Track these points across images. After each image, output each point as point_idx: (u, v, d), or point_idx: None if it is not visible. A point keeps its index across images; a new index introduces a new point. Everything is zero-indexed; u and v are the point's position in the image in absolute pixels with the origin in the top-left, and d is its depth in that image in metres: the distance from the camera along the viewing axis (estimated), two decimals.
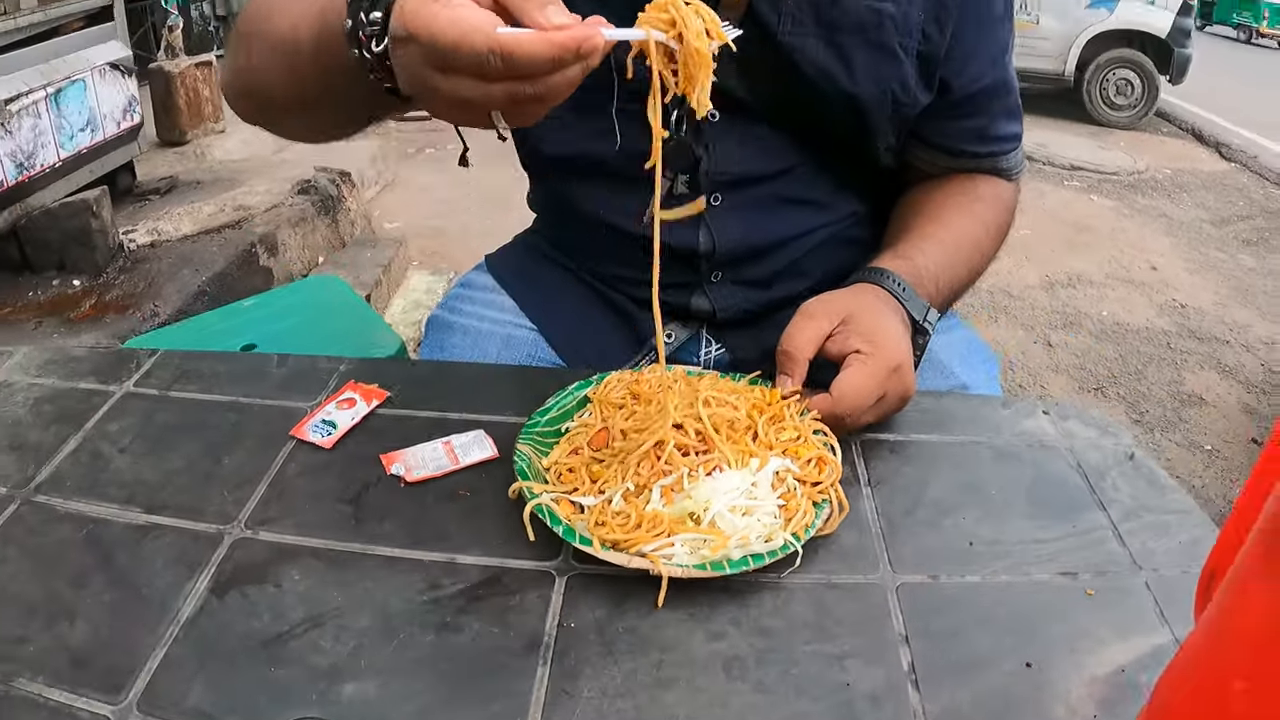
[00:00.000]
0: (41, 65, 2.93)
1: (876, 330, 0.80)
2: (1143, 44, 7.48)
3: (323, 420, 0.81)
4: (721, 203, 0.97)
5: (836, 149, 0.98)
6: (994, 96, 1.00)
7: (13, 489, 0.76)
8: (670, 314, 1.03)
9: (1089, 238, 4.77)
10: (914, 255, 0.93)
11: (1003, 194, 1.07)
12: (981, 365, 1.09)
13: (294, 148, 4.31)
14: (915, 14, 0.90)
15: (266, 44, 0.77)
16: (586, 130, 0.92)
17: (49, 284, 2.78)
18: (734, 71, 0.89)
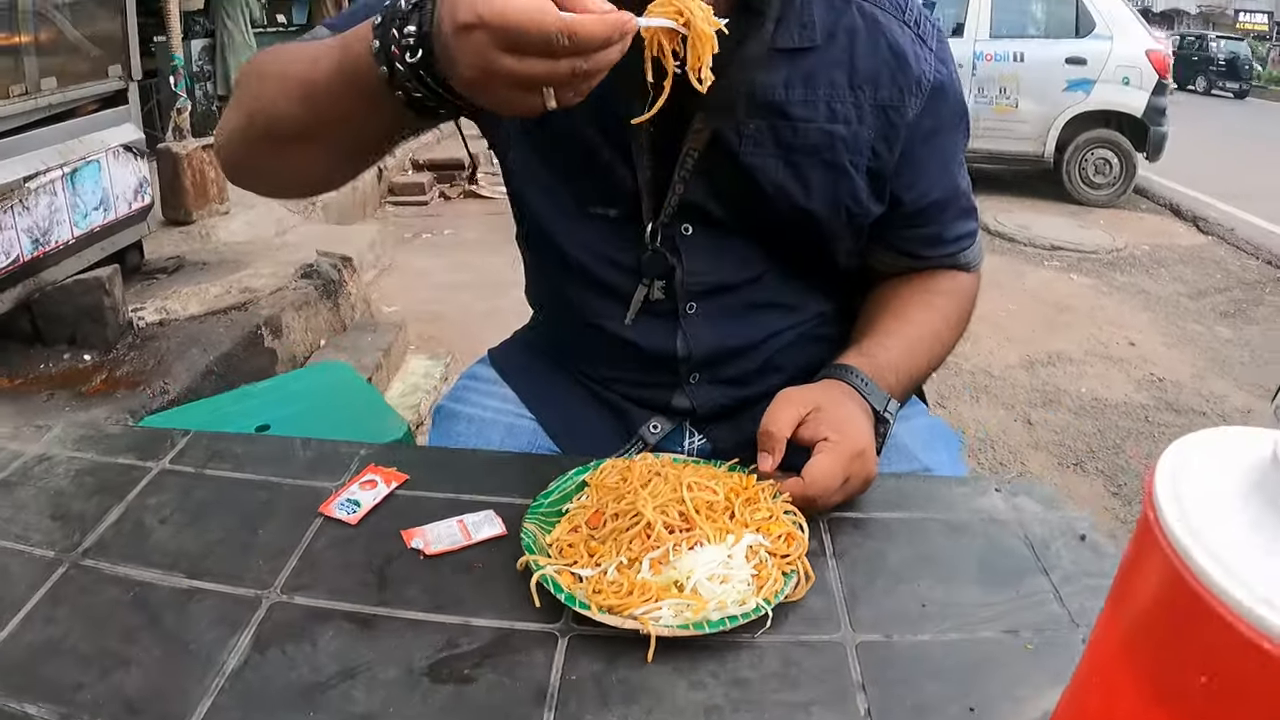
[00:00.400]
0: (59, 145, 3.07)
1: (842, 420, 0.91)
2: (1119, 123, 7.76)
3: (348, 499, 0.90)
4: (696, 310, 1.07)
5: (801, 256, 1.08)
6: (946, 204, 1.11)
7: (60, 553, 0.84)
8: (654, 409, 1.13)
9: (1069, 316, 4.91)
10: (876, 352, 1.03)
11: (962, 286, 1.17)
12: (944, 449, 1.18)
13: (296, 230, 4.45)
14: (865, 133, 1.00)
15: (284, 80, 0.86)
16: (578, 229, 1.04)
17: (60, 357, 2.88)
18: (703, 189, 1.00)
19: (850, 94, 0.99)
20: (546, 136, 1.02)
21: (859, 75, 0.99)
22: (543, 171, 1.06)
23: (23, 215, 2.80)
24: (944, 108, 1.05)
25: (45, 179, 2.92)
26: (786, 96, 0.97)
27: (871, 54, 1.00)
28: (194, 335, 2.98)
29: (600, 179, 1.02)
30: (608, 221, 1.04)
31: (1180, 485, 0.37)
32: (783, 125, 0.98)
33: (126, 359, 2.84)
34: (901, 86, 1.01)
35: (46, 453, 1.03)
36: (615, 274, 1.06)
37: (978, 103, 7.77)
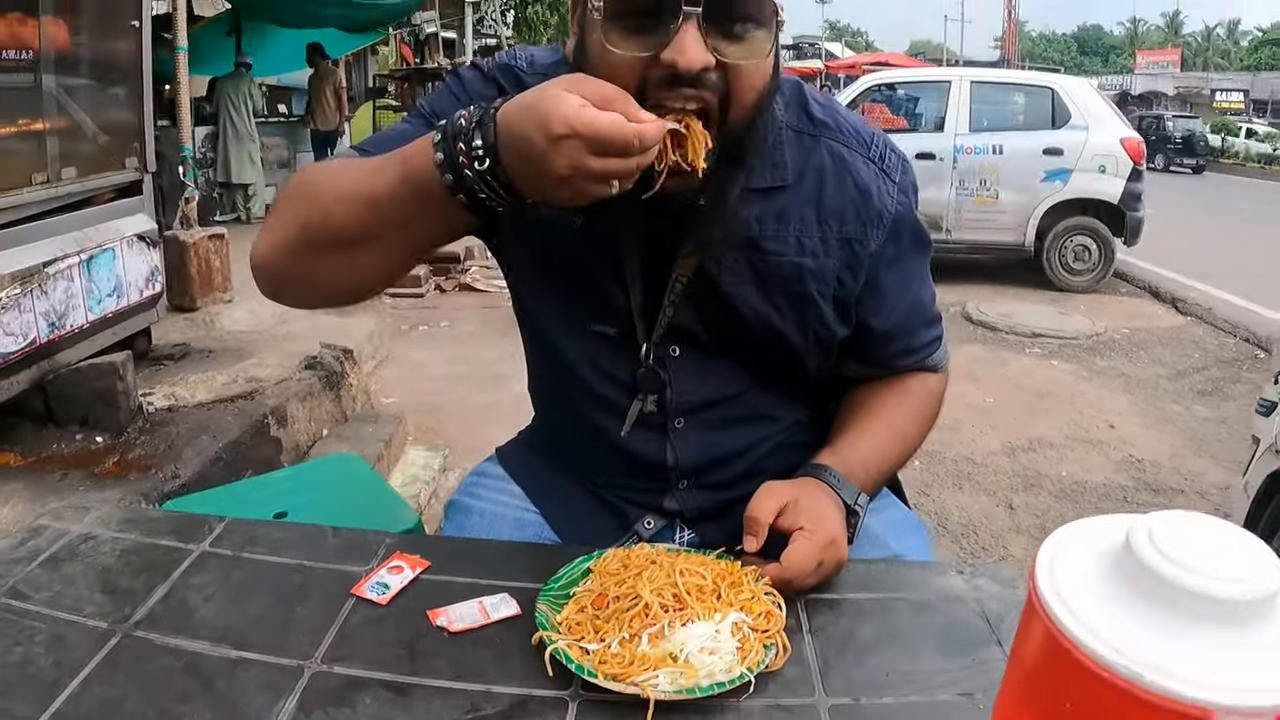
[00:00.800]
0: (77, 232, 3.20)
1: (817, 512, 1.03)
2: (1097, 210, 8.01)
3: (378, 582, 1.01)
4: (684, 425, 1.19)
5: (778, 373, 1.21)
6: (911, 320, 1.24)
7: (113, 624, 0.93)
8: (648, 509, 1.25)
9: (1050, 402, 5.04)
10: (848, 452, 1.15)
11: (929, 386, 1.29)
12: (913, 537, 1.29)
13: (296, 320, 4.58)
14: (831, 265, 1.13)
15: (342, 191, 0.98)
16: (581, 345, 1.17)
17: (73, 438, 2.97)
18: (689, 315, 1.13)
19: (818, 229, 1.12)
20: (553, 260, 1.15)
21: (826, 211, 1.12)
22: (549, 290, 1.18)
23: (41, 299, 2.92)
24: (906, 235, 1.18)
25: (63, 265, 3.04)
26: (760, 231, 1.10)
27: (838, 191, 1.13)
28: (203, 422, 3.08)
29: (599, 300, 1.14)
30: (607, 339, 1.16)
31: (1055, 566, 0.49)
32: (757, 258, 1.11)
33: (138, 443, 2.94)
34: (865, 221, 1.14)
35: (90, 532, 1.13)
36: (612, 389, 1.18)
37: (959, 195, 8.04)
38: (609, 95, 0.84)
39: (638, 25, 0.92)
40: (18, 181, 2.99)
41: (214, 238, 4.84)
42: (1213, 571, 0.46)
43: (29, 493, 2.53)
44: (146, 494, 2.53)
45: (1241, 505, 2.67)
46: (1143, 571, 0.46)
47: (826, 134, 1.15)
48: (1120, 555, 0.48)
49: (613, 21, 0.93)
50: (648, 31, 0.91)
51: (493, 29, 15.26)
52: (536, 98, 0.84)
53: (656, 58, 0.91)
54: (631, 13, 0.92)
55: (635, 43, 0.92)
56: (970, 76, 8.58)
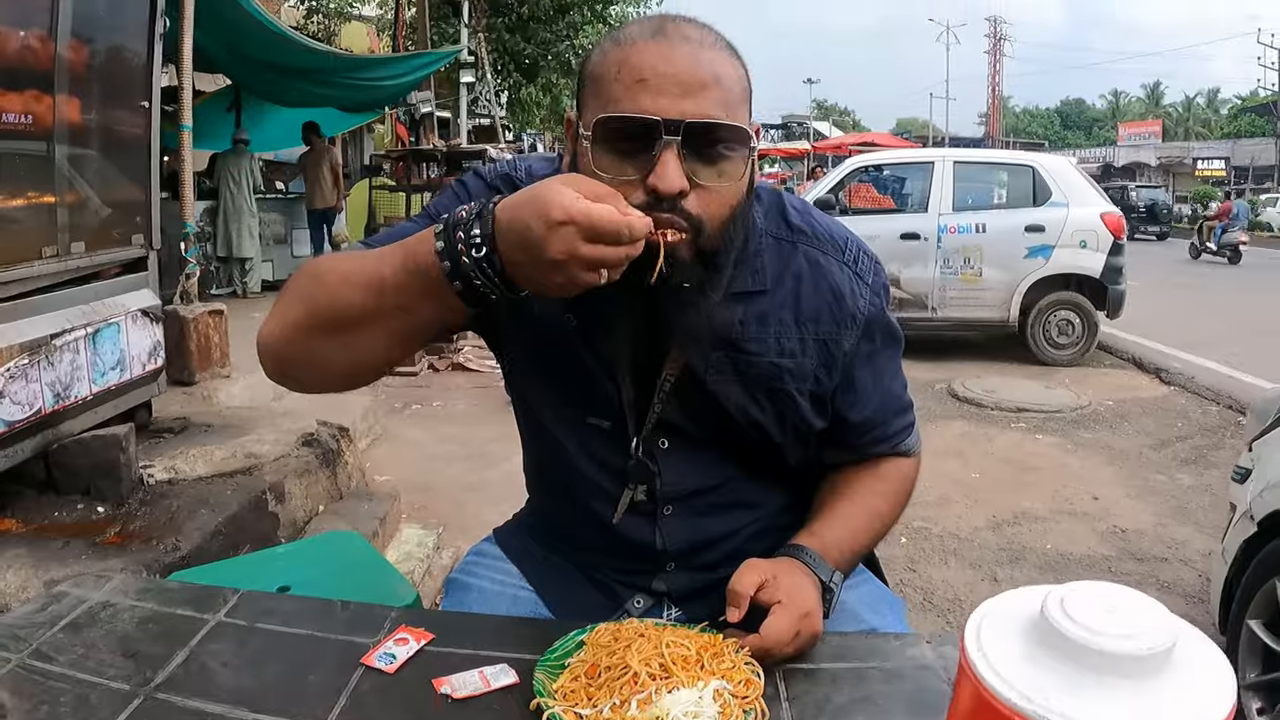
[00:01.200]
0: (84, 306, 3.26)
1: (793, 588, 1.11)
2: (1079, 285, 8.19)
3: (385, 652, 1.08)
4: (672, 512, 1.28)
5: (760, 462, 1.30)
6: (884, 411, 1.33)
7: (135, 686, 1.00)
8: (637, 588, 1.33)
9: (1034, 476, 5.12)
10: (824, 533, 1.24)
11: (901, 469, 1.38)
12: (888, 611, 1.36)
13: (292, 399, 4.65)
14: (809, 364, 1.23)
15: (349, 276, 1.06)
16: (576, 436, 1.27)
17: (74, 507, 3.01)
18: (677, 410, 1.22)
19: (796, 331, 1.23)
20: (549, 357, 1.24)
21: (803, 314, 1.23)
22: (545, 385, 1.28)
23: (47, 370, 2.99)
24: (879, 333, 1.29)
25: (70, 337, 3.12)
26: (742, 333, 1.21)
27: (814, 294, 1.23)
28: (203, 496, 3.14)
29: (593, 396, 1.24)
30: (600, 431, 1.26)
31: (983, 632, 0.58)
32: (740, 358, 1.21)
33: (139, 514, 2.99)
34: (839, 322, 1.24)
35: (110, 600, 1.20)
36: (605, 477, 1.27)
37: (944, 274, 8.21)
38: (601, 192, 0.94)
39: (623, 151, 1.03)
40: (29, 254, 3.06)
41: (213, 313, 4.91)
42: (1112, 632, 0.54)
43: (32, 559, 2.58)
44: (148, 565, 2.58)
45: (1220, 571, 2.76)
46: (1054, 634, 0.55)
47: (803, 240, 1.26)
48: (1037, 620, 0.57)
49: (600, 147, 1.04)
50: (632, 157, 1.03)
51: (487, 109, 15.58)
52: (536, 189, 0.93)
53: (641, 181, 1.02)
54: (617, 140, 1.03)
55: (621, 167, 1.03)
56: (953, 157, 8.82)
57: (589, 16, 18.15)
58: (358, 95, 10.80)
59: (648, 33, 1.05)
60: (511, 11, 17.71)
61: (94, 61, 3.39)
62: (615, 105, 1.03)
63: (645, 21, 1.09)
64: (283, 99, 10.28)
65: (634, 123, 1.01)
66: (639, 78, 1.02)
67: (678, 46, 1.03)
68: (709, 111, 1.02)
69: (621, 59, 1.04)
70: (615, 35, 1.09)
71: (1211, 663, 0.59)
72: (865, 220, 8.75)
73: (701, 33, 1.07)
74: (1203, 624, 3.20)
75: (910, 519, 4.35)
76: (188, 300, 5.04)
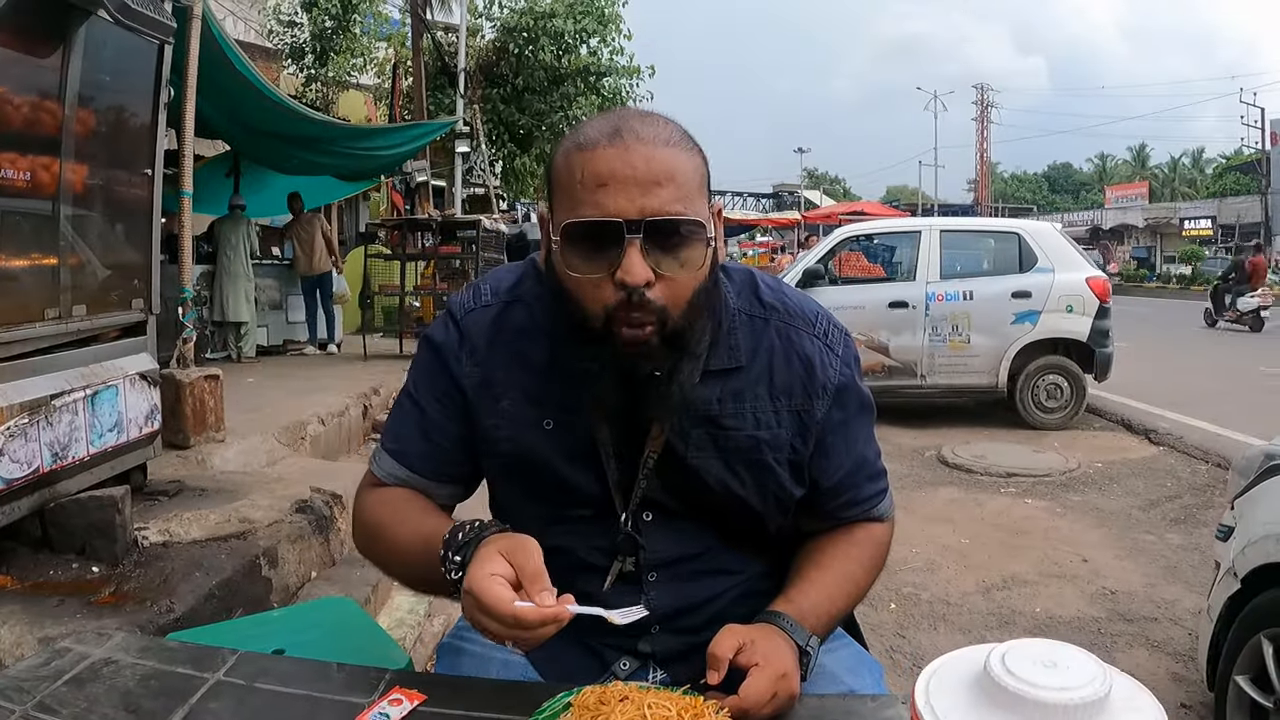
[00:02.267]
0: (83, 368, 3.34)
1: (770, 651, 1.16)
2: (1067, 349, 8.29)
3: (379, 713, 1.12)
4: (656, 578, 1.34)
5: (740, 532, 1.36)
6: (856, 475, 1.38)
7: None
8: (624, 651, 1.38)
9: (1023, 540, 5.14)
10: (800, 600, 1.29)
11: (874, 535, 1.43)
12: (867, 674, 1.40)
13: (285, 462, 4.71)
14: (784, 434, 1.30)
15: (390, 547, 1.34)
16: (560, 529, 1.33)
17: (69, 566, 3.05)
18: (659, 486, 1.29)
19: (770, 404, 1.30)
20: (528, 473, 1.33)
21: (777, 387, 1.30)
22: (527, 497, 1.36)
23: (46, 430, 3.04)
24: (849, 401, 1.35)
25: (69, 398, 3.18)
26: (720, 410, 1.28)
27: (786, 367, 1.31)
28: (197, 559, 3.17)
29: (574, 492, 1.32)
30: (584, 520, 1.33)
31: (931, 688, 0.64)
32: (718, 433, 1.29)
33: (133, 575, 3.02)
34: (811, 393, 1.31)
35: (111, 656, 1.24)
36: (592, 555, 1.34)
37: (933, 341, 8.31)
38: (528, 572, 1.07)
39: (591, 250, 1.13)
40: (31, 315, 3.14)
41: (209, 378, 4.97)
42: (1050, 685, 0.60)
43: (27, 616, 2.60)
44: (142, 625, 2.60)
45: (1206, 628, 2.78)
46: (996, 687, 0.61)
47: (775, 316, 1.33)
48: (981, 675, 0.63)
49: (570, 248, 1.14)
50: (600, 254, 1.12)
51: (481, 179, 15.83)
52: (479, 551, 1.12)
53: (609, 275, 1.11)
54: (584, 240, 1.13)
55: (590, 265, 1.13)
56: (939, 225, 8.97)
57: (582, 88, 18.51)
58: (355, 164, 10.96)
59: (605, 136, 1.13)
60: (507, 83, 18.10)
61: (99, 129, 3.50)
62: (580, 209, 1.12)
63: (603, 121, 1.17)
64: (282, 166, 10.42)
65: (598, 226, 1.11)
66: (600, 182, 1.11)
67: (634, 149, 1.12)
68: (666, 207, 1.11)
69: (583, 163, 1.13)
70: (576, 138, 1.17)
71: (1144, 709, 0.64)
72: (854, 289, 8.89)
73: (655, 130, 1.15)
74: (1193, 682, 3.26)
75: (899, 584, 4.38)
76: (184, 364, 5.10)
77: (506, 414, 1.30)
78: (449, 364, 1.33)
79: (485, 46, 18.55)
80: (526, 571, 1.06)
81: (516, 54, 17.87)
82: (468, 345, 1.32)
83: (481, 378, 1.31)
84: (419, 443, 1.36)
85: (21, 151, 3.04)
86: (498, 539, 1.12)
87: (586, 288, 1.14)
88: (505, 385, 1.30)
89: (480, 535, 1.16)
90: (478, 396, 1.32)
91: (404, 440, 1.37)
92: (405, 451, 1.37)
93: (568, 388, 1.25)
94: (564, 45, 17.83)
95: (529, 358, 1.30)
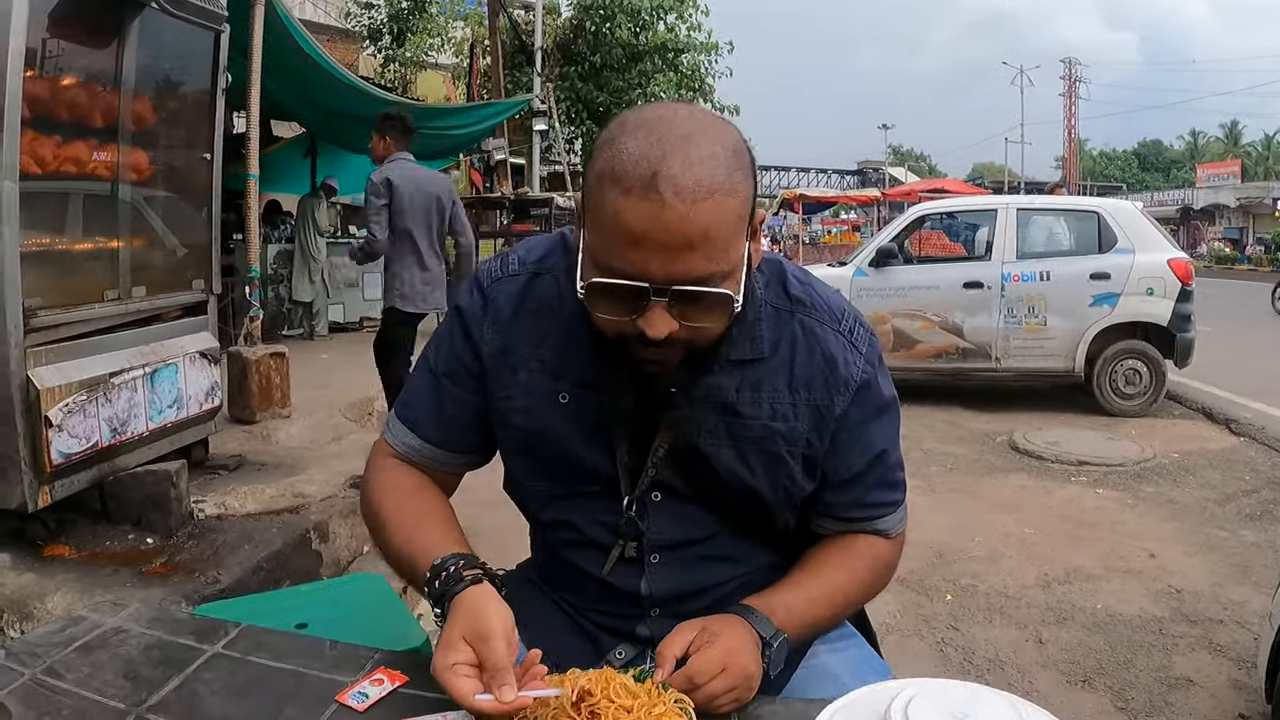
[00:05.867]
0: (143, 346, 3.44)
1: (722, 631, 1.16)
2: (1146, 333, 7.96)
3: (359, 691, 1.13)
4: (659, 561, 1.32)
5: (748, 520, 1.33)
6: (868, 475, 1.33)
7: (130, 706, 1.07)
8: (622, 636, 1.37)
9: (1090, 532, 4.96)
10: (773, 597, 1.26)
11: (878, 551, 1.38)
12: (871, 675, 1.32)
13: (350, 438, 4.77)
14: (801, 428, 1.27)
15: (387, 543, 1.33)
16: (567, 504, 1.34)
17: (125, 537, 3.16)
18: (670, 470, 1.27)
19: (789, 395, 1.27)
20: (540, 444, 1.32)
21: (797, 380, 1.27)
22: (537, 469, 1.35)
23: (105, 406, 3.14)
24: (870, 401, 1.31)
25: (128, 376, 3.27)
26: (737, 399, 1.25)
27: (808, 361, 1.28)
28: (248, 532, 3.24)
29: (584, 468, 1.30)
30: (591, 495, 1.32)
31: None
32: (734, 421, 1.26)
33: (185, 546, 3.11)
34: (831, 388, 1.28)
35: (122, 626, 1.28)
36: (595, 532, 1.33)
37: (1007, 323, 8.06)
38: (493, 665, 1.06)
39: (616, 301, 1.10)
40: (91, 297, 3.24)
41: (275, 355, 5.09)
42: None
43: (80, 584, 2.70)
44: (188, 595, 2.68)
45: (1268, 635, 2.60)
46: None
47: (800, 310, 1.30)
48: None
49: (595, 299, 1.11)
50: (624, 304, 1.09)
51: (559, 156, 15.87)
52: (446, 626, 1.12)
53: (632, 322, 1.09)
54: (610, 295, 1.09)
55: (614, 311, 1.10)
56: (1016, 204, 8.67)
57: (660, 65, 18.42)
58: (428, 144, 11.03)
59: (641, 183, 1.04)
60: (585, 60, 18.06)
61: (157, 114, 3.58)
62: (609, 259, 1.08)
63: (642, 154, 1.06)
64: (354, 145, 10.55)
65: (624, 288, 1.07)
66: (631, 240, 1.05)
67: (670, 207, 1.03)
68: (696, 270, 1.06)
69: (616, 208, 1.05)
70: (613, 161, 1.07)
71: None
72: (928, 269, 8.69)
73: (696, 175, 1.05)
74: (1254, 691, 3.11)
75: (958, 575, 4.27)
76: (251, 342, 5.23)
77: (522, 385, 1.29)
78: (471, 331, 1.32)
79: (562, 24, 18.57)
80: (489, 664, 1.06)
81: (593, 31, 17.84)
82: (491, 312, 1.31)
83: (501, 345, 1.30)
84: (433, 410, 1.36)
85: (80, 138, 3.12)
86: (461, 617, 1.12)
87: (608, 325, 1.13)
88: (523, 356, 1.29)
89: (453, 589, 1.16)
90: (495, 365, 1.31)
91: (418, 408, 1.37)
92: (419, 420, 1.37)
93: (585, 363, 1.25)
94: (640, 22, 17.74)
95: (549, 331, 1.28)
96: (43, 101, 2.97)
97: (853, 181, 53.14)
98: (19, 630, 2.48)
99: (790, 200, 24.99)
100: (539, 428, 1.30)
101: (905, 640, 3.63)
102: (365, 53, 17.76)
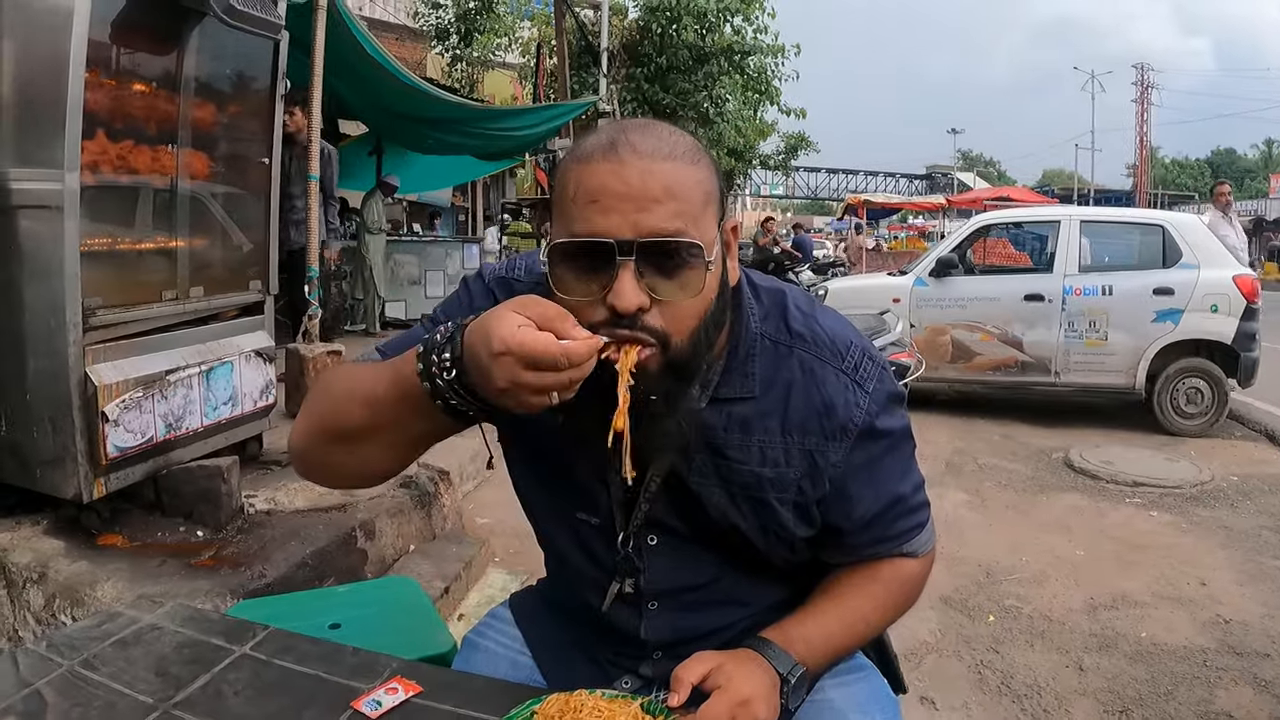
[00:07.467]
0: (199, 345, 3.52)
1: (737, 674, 1.13)
2: (1210, 351, 7.73)
3: (374, 699, 1.17)
4: (657, 607, 1.31)
5: (748, 562, 1.30)
6: (884, 516, 1.28)
7: (157, 701, 1.14)
8: (627, 670, 1.36)
9: (1141, 555, 4.85)
10: (789, 627, 1.24)
11: (902, 572, 1.33)
12: (878, 711, 1.31)
13: None
14: (792, 474, 1.22)
15: (351, 394, 1.17)
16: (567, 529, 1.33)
17: (176, 529, 3.25)
18: (664, 508, 1.25)
19: (781, 439, 1.21)
20: (544, 454, 1.30)
21: (790, 423, 1.21)
22: (541, 480, 1.35)
23: (161, 402, 3.23)
24: (877, 442, 1.25)
25: (184, 374, 3.36)
26: (725, 439, 1.21)
27: (804, 404, 1.21)
28: (296, 529, 3.31)
29: (583, 493, 1.29)
30: (590, 526, 1.30)
31: None
32: (721, 463, 1.22)
33: (234, 541, 3.19)
34: (827, 435, 1.22)
35: (157, 623, 1.35)
36: (595, 569, 1.32)
37: (1068, 337, 7.90)
38: (550, 315, 0.99)
39: (582, 270, 1.06)
40: (150, 297, 3.33)
41: (332, 353, 5.17)
42: None
43: (129, 574, 2.79)
44: (233, 589, 2.75)
45: None
46: None
47: (800, 346, 1.24)
48: None
49: (560, 268, 1.07)
50: (592, 275, 1.05)
51: None
52: (486, 317, 1.00)
53: (601, 298, 1.04)
54: (575, 260, 1.06)
55: (582, 286, 1.06)
56: (1080, 216, 8.50)
57: (726, 67, 18.34)
58: (491, 144, 11.16)
59: (601, 149, 1.06)
60: (651, 62, 18.06)
61: (216, 119, 3.68)
62: (571, 226, 1.05)
63: (602, 133, 1.09)
64: (418, 146, 10.71)
65: (588, 245, 1.04)
66: (592, 198, 1.04)
67: (629, 163, 1.04)
68: (662, 226, 1.03)
69: (577, 177, 1.06)
70: (575, 149, 1.10)
71: None
72: (988, 280, 8.55)
73: (655, 142, 1.07)
74: None
75: (1002, 595, 4.20)
76: (309, 339, 5.33)
77: None
78: (476, 303, 1.28)
79: (629, 26, 18.59)
80: (550, 314, 0.98)
81: (659, 33, 17.82)
82: (492, 301, 1.24)
83: None
84: (411, 341, 1.20)
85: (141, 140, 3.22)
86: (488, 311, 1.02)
87: (577, 310, 1.04)
88: None
89: (462, 324, 1.05)
90: None
91: (400, 346, 1.25)
92: (389, 347, 1.28)
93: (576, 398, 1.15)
94: (707, 24, 17.68)
95: None
96: (104, 103, 3.05)
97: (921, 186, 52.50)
98: (70, 616, 2.58)
99: (854, 205, 24.72)
100: (542, 438, 1.28)
101: (944, 661, 3.59)
102: (433, 52, 17.97)
